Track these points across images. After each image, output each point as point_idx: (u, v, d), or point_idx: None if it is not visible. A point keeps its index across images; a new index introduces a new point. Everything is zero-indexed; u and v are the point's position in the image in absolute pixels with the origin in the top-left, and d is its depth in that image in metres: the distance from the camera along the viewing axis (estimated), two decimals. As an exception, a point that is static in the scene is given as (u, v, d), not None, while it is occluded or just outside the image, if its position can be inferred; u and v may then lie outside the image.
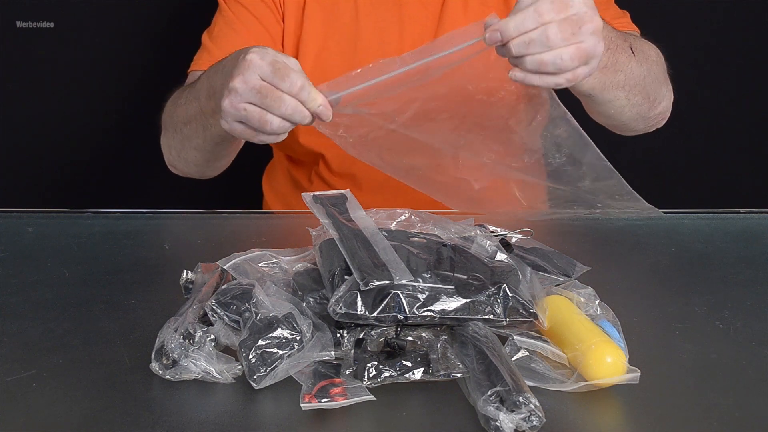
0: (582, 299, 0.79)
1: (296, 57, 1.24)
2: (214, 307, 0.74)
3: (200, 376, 0.70)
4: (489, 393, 0.65)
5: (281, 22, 1.26)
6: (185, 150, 1.18)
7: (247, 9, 1.25)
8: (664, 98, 1.18)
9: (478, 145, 0.99)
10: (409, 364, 0.69)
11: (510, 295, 0.75)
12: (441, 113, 0.97)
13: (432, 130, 0.97)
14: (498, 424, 0.63)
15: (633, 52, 1.05)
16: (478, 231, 0.88)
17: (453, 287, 0.74)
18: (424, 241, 0.82)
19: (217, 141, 1.11)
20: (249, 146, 1.03)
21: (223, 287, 0.77)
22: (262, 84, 0.92)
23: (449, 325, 0.75)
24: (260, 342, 0.70)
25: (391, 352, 0.71)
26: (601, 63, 0.92)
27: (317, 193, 0.87)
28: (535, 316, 0.75)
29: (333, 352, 0.71)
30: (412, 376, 0.69)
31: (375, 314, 0.71)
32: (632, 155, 1.64)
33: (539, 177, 0.99)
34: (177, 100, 1.17)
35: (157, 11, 1.66)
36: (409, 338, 0.73)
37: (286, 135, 0.97)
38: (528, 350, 0.72)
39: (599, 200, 0.99)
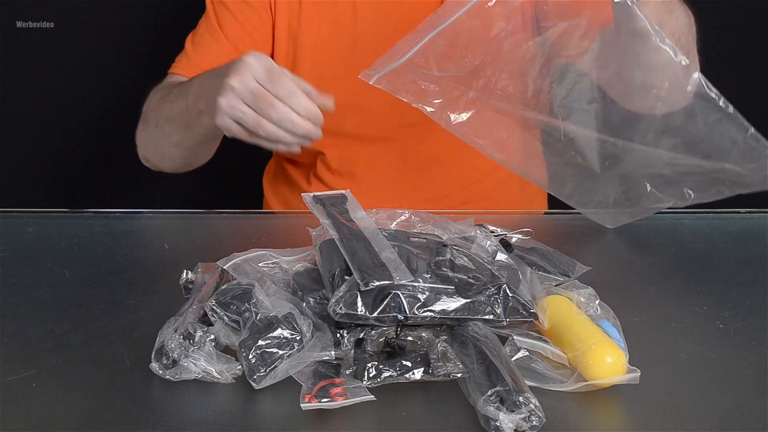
0: (582, 299, 0.79)
1: (293, 58, 1.24)
2: (214, 307, 0.75)
3: (200, 376, 0.70)
4: (489, 393, 0.65)
5: (270, 25, 1.25)
6: (163, 146, 1.20)
7: (232, 13, 1.25)
8: (697, 70, 1.03)
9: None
10: (409, 364, 0.69)
11: (510, 295, 0.75)
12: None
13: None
14: (498, 424, 0.63)
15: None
16: (478, 231, 0.88)
17: (453, 287, 0.74)
18: (424, 241, 0.82)
19: (197, 140, 1.15)
20: (249, 146, 1.03)
21: (223, 287, 0.77)
22: (257, 86, 0.94)
23: (449, 325, 0.75)
24: (260, 342, 0.70)
25: (391, 352, 0.71)
26: None
27: (317, 193, 0.87)
28: (535, 316, 0.75)
29: (333, 352, 0.71)
30: (412, 376, 0.69)
31: (375, 314, 0.71)
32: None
33: None
34: (164, 97, 1.18)
35: (157, 11, 1.66)
36: (409, 338, 0.73)
37: (289, 146, 0.99)
38: (528, 350, 0.72)
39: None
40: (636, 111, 1.05)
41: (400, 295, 0.72)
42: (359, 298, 0.72)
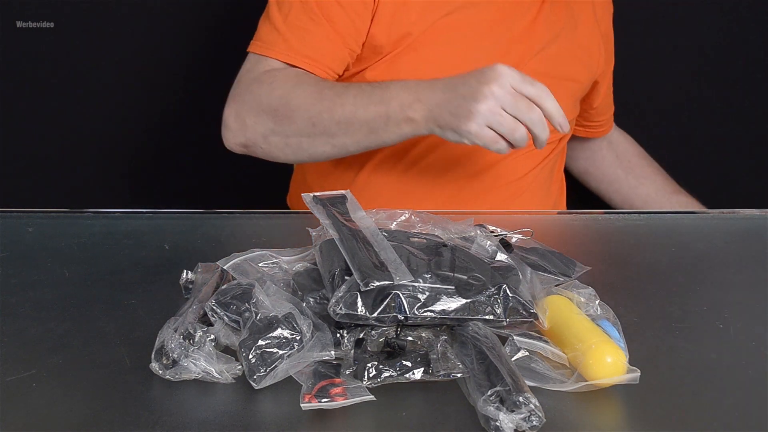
0: (582, 299, 0.79)
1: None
2: (214, 307, 0.75)
3: (200, 376, 0.70)
4: (489, 393, 0.65)
5: (370, 13, 1.22)
6: (315, 145, 1.18)
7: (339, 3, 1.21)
8: None
9: None
10: (409, 364, 0.69)
11: (510, 295, 0.75)
12: None
13: None
14: (498, 424, 0.63)
15: None
16: (478, 231, 0.88)
17: (453, 287, 0.74)
18: (425, 241, 0.82)
19: (373, 145, 1.17)
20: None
21: (223, 287, 0.77)
22: (514, 92, 1.02)
23: (449, 325, 0.75)
24: (260, 342, 0.70)
25: (391, 352, 0.71)
26: None
27: (317, 193, 0.87)
28: (535, 316, 0.75)
29: (333, 352, 0.71)
30: (412, 376, 0.69)
31: (375, 315, 0.71)
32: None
33: None
34: (331, 98, 1.15)
35: (157, 11, 1.66)
36: (409, 338, 0.73)
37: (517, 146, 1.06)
38: (528, 350, 0.72)
39: None
40: None
41: (400, 295, 0.72)
42: (359, 299, 0.72)
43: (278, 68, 1.21)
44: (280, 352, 0.70)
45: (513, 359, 0.71)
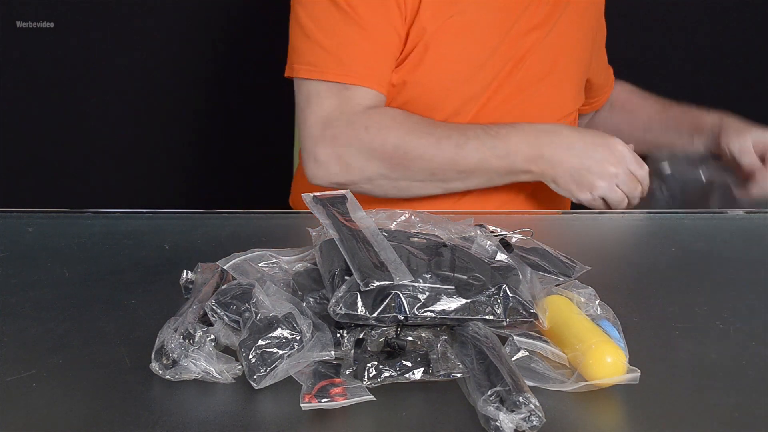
0: (582, 299, 0.79)
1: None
2: (214, 307, 0.75)
3: (200, 376, 0.70)
4: (489, 393, 0.65)
5: (404, 14, 1.23)
6: (424, 188, 1.24)
7: (375, 6, 1.21)
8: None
9: None
10: (409, 364, 0.69)
11: (510, 295, 0.75)
12: None
13: None
14: (498, 424, 0.63)
15: None
16: (478, 231, 0.88)
17: (453, 287, 0.74)
18: (425, 241, 0.82)
19: (483, 187, 1.24)
20: (248, 146, 1.03)
21: (223, 287, 0.77)
22: (629, 174, 1.19)
23: (449, 325, 0.75)
24: (260, 342, 0.70)
25: (391, 352, 0.71)
26: None
27: (317, 193, 0.87)
28: (535, 316, 0.75)
29: (333, 352, 0.71)
30: (412, 376, 0.69)
31: (375, 315, 0.71)
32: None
33: None
34: (448, 148, 1.20)
35: (157, 11, 1.66)
36: (409, 338, 0.73)
37: None
38: (528, 350, 0.72)
39: None
40: None
41: (401, 295, 0.72)
42: (359, 299, 0.72)
43: (368, 106, 1.22)
44: (280, 352, 0.70)
45: (513, 359, 0.71)
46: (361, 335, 0.73)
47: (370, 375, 0.68)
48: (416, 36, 1.23)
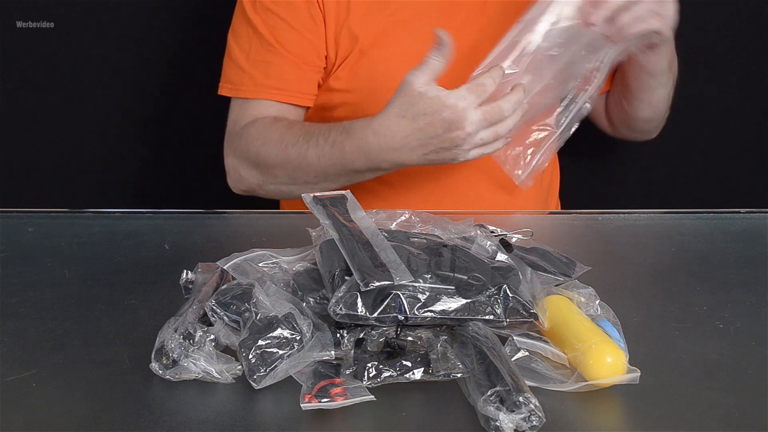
0: (582, 299, 0.79)
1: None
2: (214, 307, 0.75)
3: (200, 376, 0.70)
4: (489, 393, 0.65)
5: (322, 24, 1.24)
6: (302, 190, 1.17)
7: (285, 21, 1.23)
8: None
9: None
10: (409, 364, 0.69)
11: (510, 295, 0.75)
12: None
13: None
14: (498, 424, 0.63)
15: None
16: (478, 231, 0.88)
17: (453, 288, 0.74)
18: (425, 241, 0.82)
19: (357, 181, 1.19)
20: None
21: (223, 287, 0.77)
22: (481, 114, 1.06)
23: (449, 325, 0.75)
24: (260, 342, 0.70)
25: (391, 352, 0.71)
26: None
27: (317, 193, 0.87)
28: (535, 316, 0.75)
29: (333, 352, 0.71)
30: (412, 376, 0.69)
31: (375, 315, 0.71)
32: (633, 155, 1.64)
33: None
34: (301, 154, 1.19)
35: (156, 11, 1.66)
36: (409, 338, 0.73)
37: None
38: (528, 350, 0.72)
39: None
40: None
41: (401, 295, 0.72)
42: (359, 299, 0.72)
43: (257, 118, 1.25)
44: (280, 352, 0.70)
45: (513, 359, 0.71)
46: (361, 335, 0.73)
47: (370, 375, 0.68)
48: (348, 43, 1.24)
